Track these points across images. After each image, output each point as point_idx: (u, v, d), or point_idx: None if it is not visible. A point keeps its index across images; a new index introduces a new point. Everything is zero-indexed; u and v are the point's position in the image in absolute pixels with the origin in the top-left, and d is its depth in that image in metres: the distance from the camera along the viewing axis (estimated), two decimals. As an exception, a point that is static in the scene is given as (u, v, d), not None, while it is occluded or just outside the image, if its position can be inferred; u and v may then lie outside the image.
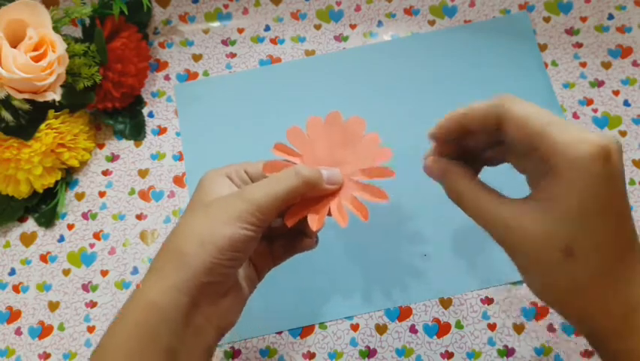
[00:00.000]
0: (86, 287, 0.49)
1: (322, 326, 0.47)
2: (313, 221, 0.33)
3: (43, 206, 0.51)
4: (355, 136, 0.36)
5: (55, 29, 0.47)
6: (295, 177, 0.31)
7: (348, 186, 0.34)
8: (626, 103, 0.52)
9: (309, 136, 0.36)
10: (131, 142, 0.54)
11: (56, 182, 0.51)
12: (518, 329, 0.46)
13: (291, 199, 0.32)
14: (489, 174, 0.33)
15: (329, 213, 0.33)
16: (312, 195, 0.33)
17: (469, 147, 0.32)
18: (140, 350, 0.28)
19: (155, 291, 0.29)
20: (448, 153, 0.32)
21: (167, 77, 0.56)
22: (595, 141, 0.25)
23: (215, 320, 0.31)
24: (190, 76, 0.56)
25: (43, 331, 0.48)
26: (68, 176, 0.52)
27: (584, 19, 0.55)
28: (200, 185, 0.33)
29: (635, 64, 0.53)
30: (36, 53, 0.45)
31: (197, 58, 0.56)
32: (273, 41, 0.56)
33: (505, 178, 0.32)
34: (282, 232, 0.36)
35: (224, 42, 0.57)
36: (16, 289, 0.49)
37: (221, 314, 0.31)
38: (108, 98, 0.52)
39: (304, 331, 0.47)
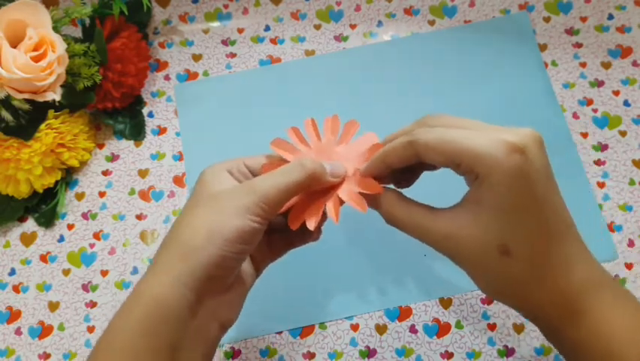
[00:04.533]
0: (85, 287, 0.49)
1: (322, 326, 0.47)
2: (310, 223, 0.33)
3: (43, 206, 0.51)
4: (350, 136, 0.36)
5: (55, 29, 0.47)
6: (301, 170, 0.32)
7: (346, 182, 0.34)
8: (626, 103, 0.52)
9: (307, 135, 0.37)
10: (131, 142, 0.54)
11: (56, 182, 0.51)
12: (518, 329, 0.46)
13: (297, 192, 0.32)
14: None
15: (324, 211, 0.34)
16: (315, 189, 0.34)
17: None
18: (143, 347, 0.28)
19: (159, 286, 0.29)
20: (381, 174, 0.33)
21: (167, 77, 0.56)
22: (509, 140, 0.27)
23: (219, 315, 0.31)
24: (190, 76, 0.56)
25: (43, 331, 0.48)
26: (68, 176, 0.52)
27: (584, 19, 0.55)
28: (203, 179, 0.33)
29: (635, 64, 0.53)
30: (36, 53, 0.45)
31: (197, 58, 0.56)
32: (273, 41, 0.56)
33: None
34: (280, 226, 0.36)
35: (224, 42, 0.57)
36: (16, 289, 0.49)
37: (224, 309, 0.31)
38: (108, 98, 0.52)
39: (304, 331, 0.47)
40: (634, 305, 0.29)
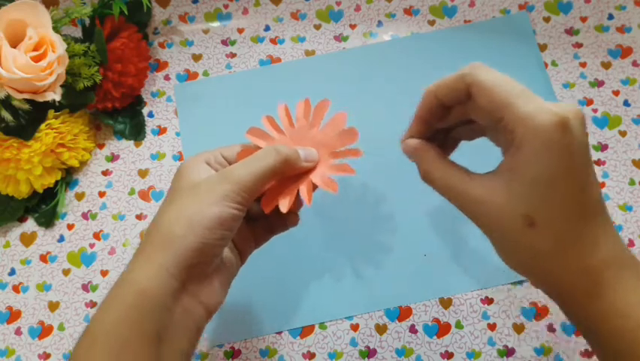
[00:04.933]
0: (85, 287, 0.49)
1: (322, 326, 0.47)
2: (284, 205, 0.34)
3: (43, 206, 0.51)
4: (321, 118, 0.37)
5: (55, 29, 0.47)
6: (276, 155, 0.32)
7: (319, 166, 0.35)
8: (626, 103, 0.52)
9: (282, 123, 0.38)
10: (131, 142, 0.54)
11: (56, 182, 0.51)
12: (518, 328, 0.46)
13: (272, 177, 0.33)
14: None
15: (298, 195, 0.34)
16: (289, 174, 0.34)
17: (444, 128, 0.33)
18: (129, 335, 0.28)
19: (143, 275, 0.29)
20: (423, 134, 0.33)
21: (167, 77, 0.56)
22: (555, 111, 0.26)
23: (203, 300, 0.32)
24: (190, 76, 0.56)
25: (43, 331, 0.48)
26: (68, 176, 0.52)
27: (584, 19, 0.55)
28: (181, 171, 0.33)
29: (634, 64, 0.53)
30: (36, 53, 0.45)
31: (197, 58, 0.56)
32: (273, 41, 0.56)
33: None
34: (260, 214, 0.37)
35: (224, 42, 0.57)
36: (16, 289, 0.49)
37: (208, 294, 0.32)
38: (108, 98, 0.52)
39: (304, 331, 0.47)
40: None
